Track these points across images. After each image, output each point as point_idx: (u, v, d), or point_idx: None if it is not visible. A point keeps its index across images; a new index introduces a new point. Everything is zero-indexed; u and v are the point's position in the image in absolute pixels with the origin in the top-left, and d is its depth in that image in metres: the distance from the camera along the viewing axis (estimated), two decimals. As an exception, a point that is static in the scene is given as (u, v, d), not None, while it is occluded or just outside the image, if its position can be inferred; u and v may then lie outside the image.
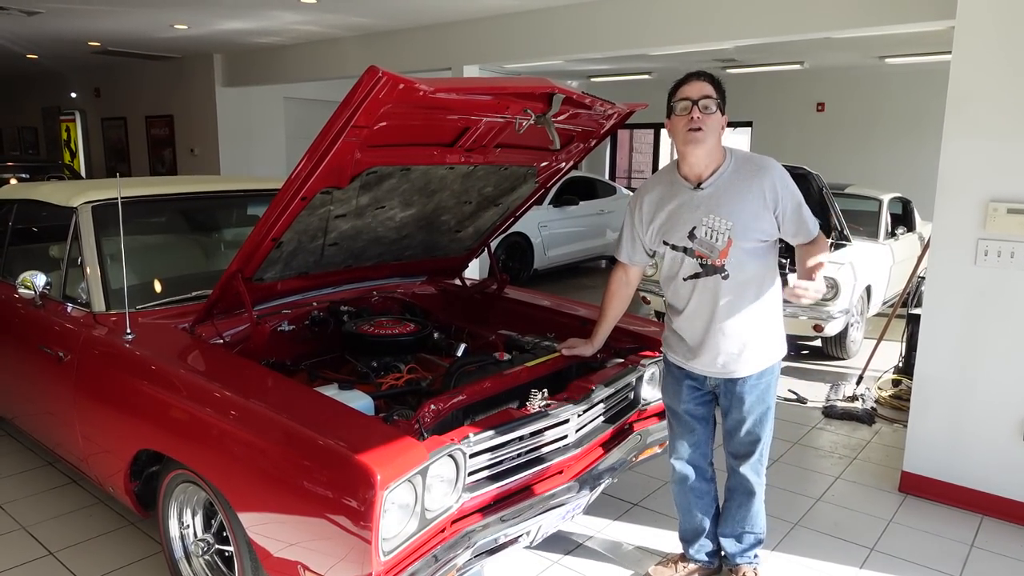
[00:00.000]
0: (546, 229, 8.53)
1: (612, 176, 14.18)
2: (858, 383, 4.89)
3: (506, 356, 2.85)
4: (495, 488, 2.26)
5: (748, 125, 11.94)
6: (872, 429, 4.36)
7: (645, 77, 11.59)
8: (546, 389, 2.54)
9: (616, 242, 2.66)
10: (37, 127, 14.50)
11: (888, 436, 4.26)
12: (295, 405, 2.16)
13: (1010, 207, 3.12)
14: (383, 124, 2.24)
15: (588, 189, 9.45)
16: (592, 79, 12.68)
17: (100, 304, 2.85)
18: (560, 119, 2.72)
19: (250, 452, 2.09)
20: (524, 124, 2.59)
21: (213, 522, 2.46)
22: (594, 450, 2.66)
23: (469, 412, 2.51)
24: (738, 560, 2.70)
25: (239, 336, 2.80)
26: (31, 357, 3.04)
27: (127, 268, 2.68)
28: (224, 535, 2.34)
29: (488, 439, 2.20)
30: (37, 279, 2.94)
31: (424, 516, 1.98)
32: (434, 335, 3.15)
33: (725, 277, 2.37)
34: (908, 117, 10.34)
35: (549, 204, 8.53)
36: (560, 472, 2.50)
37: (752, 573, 2.69)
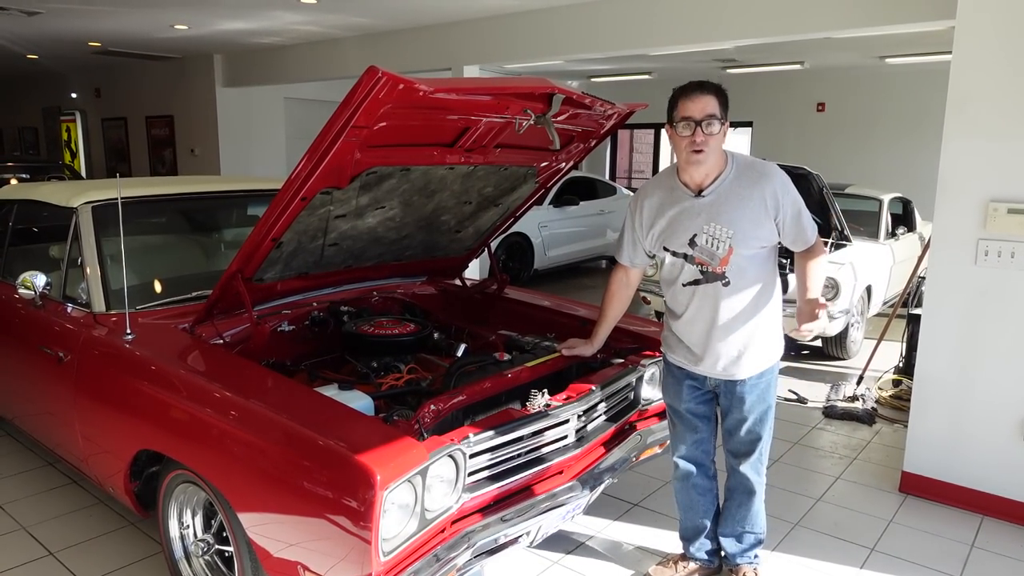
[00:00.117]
0: (546, 229, 8.53)
1: (612, 176, 14.18)
2: (858, 383, 4.89)
3: (506, 356, 2.84)
4: (495, 488, 2.26)
5: (748, 125, 11.94)
6: (872, 429, 4.36)
7: (645, 77, 11.59)
8: (546, 389, 2.53)
9: (616, 244, 2.66)
10: (37, 127, 14.51)
11: (888, 436, 4.26)
12: (295, 405, 2.16)
13: (1010, 207, 3.12)
14: (383, 124, 2.24)
15: (588, 189, 9.45)
16: (592, 79, 12.68)
17: (100, 304, 2.85)
18: (560, 119, 2.71)
19: (250, 452, 2.09)
20: (524, 124, 2.59)
21: (213, 522, 2.46)
22: (594, 450, 2.66)
23: (469, 412, 2.51)
24: (738, 560, 2.70)
25: (239, 336, 2.80)
26: (31, 357, 3.04)
27: (127, 268, 2.68)
28: (224, 535, 2.34)
29: (488, 439, 2.20)
30: (37, 279, 2.94)
31: (424, 516, 1.98)
32: (434, 335, 3.15)
33: (726, 284, 2.37)
34: (908, 117, 10.34)
35: (549, 204, 8.53)
36: (560, 472, 2.50)
37: (752, 573, 2.69)
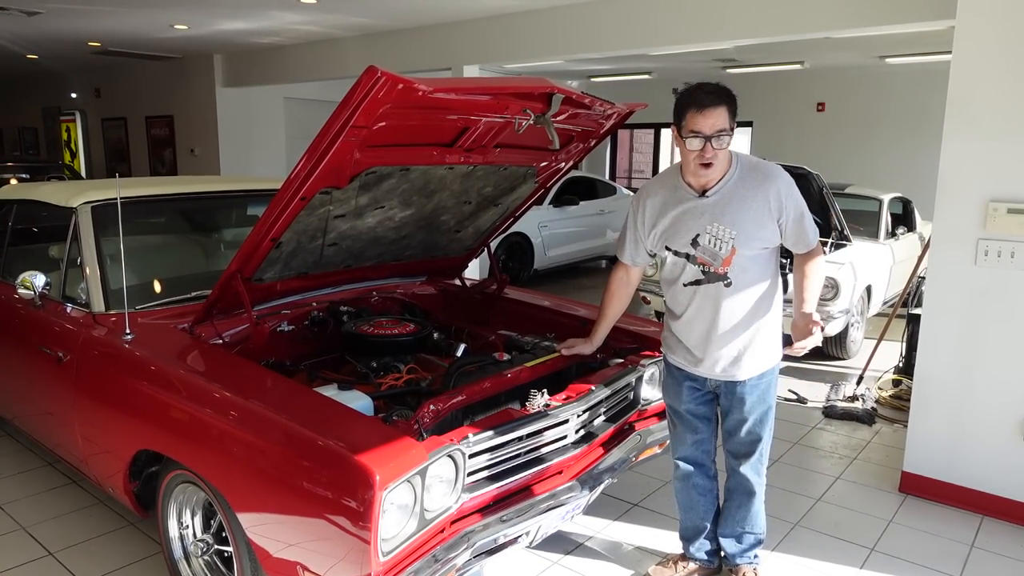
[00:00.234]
0: (546, 229, 8.53)
1: (612, 176, 14.18)
2: (858, 383, 4.89)
3: (506, 356, 2.84)
4: (495, 488, 2.26)
5: (748, 125, 11.94)
6: (872, 429, 4.36)
7: (645, 77, 11.60)
8: (546, 389, 2.53)
9: (618, 242, 2.66)
10: (37, 127, 14.51)
11: (888, 436, 4.25)
12: (294, 405, 2.16)
13: (1010, 207, 3.12)
14: (382, 124, 2.23)
15: (588, 189, 9.45)
16: (592, 79, 12.68)
17: (99, 304, 2.85)
18: (559, 119, 2.71)
19: (249, 452, 2.09)
20: (523, 124, 2.59)
21: (212, 522, 2.46)
22: (594, 450, 2.65)
23: (469, 412, 2.51)
24: (738, 560, 2.70)
25: (238, 336, 2.80)
26: (31, 357, 3.04)
27: (126, 268, 2.68)
28: (223, 535, 2.33)
29: (487, 439, 2.20)
30: (37, 279, 2.94)
31: (423, 516, 1.98)
32: (434, 335, 3.15)
33: (728, 284, 2.36)
34: (908, 117, 10.34)
35: (549, 204, 8.53)
36: (560, 472, 2.49)
37: (752, 573, 2.69)
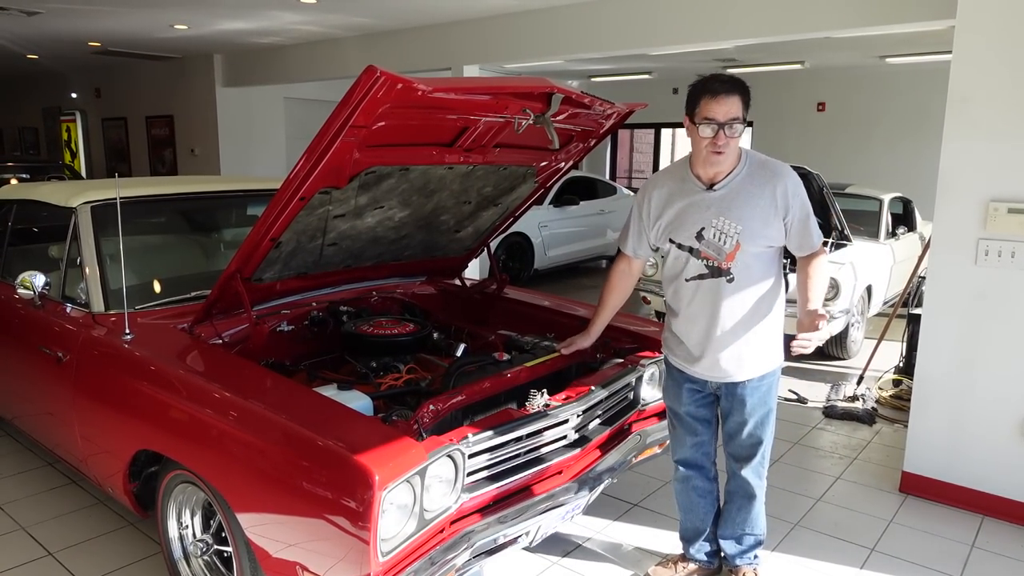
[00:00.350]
0: (546, 229, 8.53)
1: (613, 176, 14.18)
2: (859, 383, 4.89)
3: (505, 356, 2.84)
4: (494, 488, 2.25)
5: (749, 125, 11.89)
6: (872, 429, 4.36)
7: (645, 77, 11.59)
8: (546, 389, 2.53)
9: (621, 233, 2.64)
10: (38, 127, 14.51)
11: (889, 436, 4.25)
12: (294, 406, 2.16)
13: (1011, 207, 3.11)
14: (382, 124, 2.23)
15: (588, 189, 9.44)
16: (592, 79, 12.68)
17: (99, 304, 2.85)
18: (559, 119, 2.71)
19: (248, 452, 2.09)
20: (523, 124, 2.59)
21: (212, 522, 2.46)
22: (594, 450, 2.65)
23: (468, 412, 2.50)
24: (738, 561, 2.69)
25: (238, 336, 2.79)
26: (30, 358, 3.04)
27: (126, 268, 2.68)
28: (223, 536, 2.33)
29: (487, 439, 2.19)
30: (36, 279, 2.94)
31: (423, 516, 1.98)
32: (433, 335, 3.14)
33: (730, 280, 2.35)
34: (909, 117, 10.33)
35: (549, 204, 8.53)
36: (560, 472, 2.49)
37: (752, 574, 2.69)
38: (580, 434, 2.57)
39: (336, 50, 8.38)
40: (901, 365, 4.98)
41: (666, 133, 14.25)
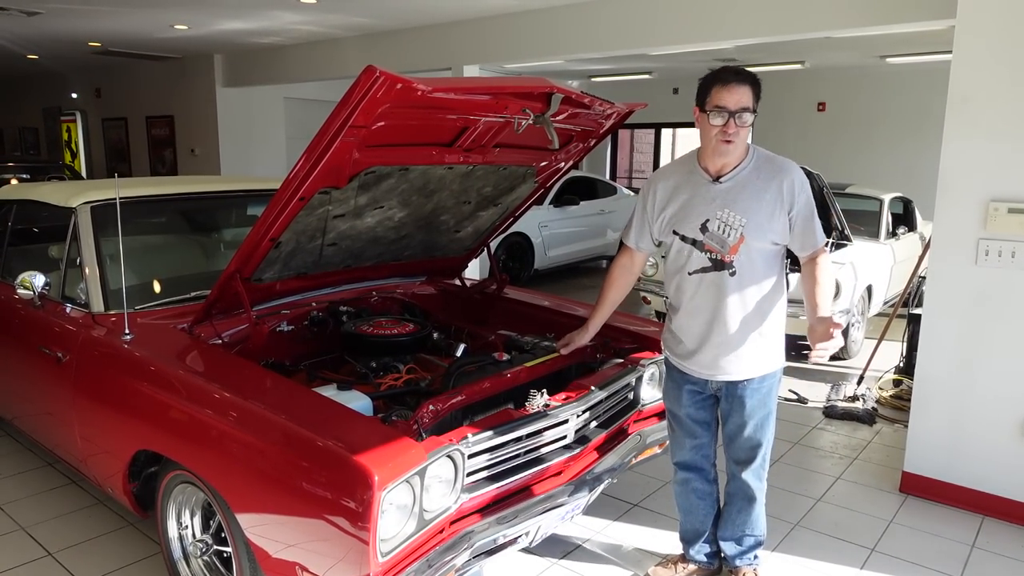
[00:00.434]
0: (547, 229, 8.52)
1: (613, 176, 14.17)
2: (859, 383, 4.88)
3: (505, 356, 2.84)
4: (494, 489, 2.25)
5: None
6: (873, 429, 4.35)
7: (645, 77, 11.59)
8: (545, 389, 2.53)
9: (625, 226, 2.62)
10: (38, 127, 14.51)
11: (889, 436, 4.25)
12: (293, 406, 2.16)
13: (1011, 207, 3.11)
14: (381, 124, 2.23)
15: (589, 189, 9.44)
16: (592, 79, 12.68)
17: (99, 304, 2.85)
18: (559, 119, 2.71)
19: (248, 453, 2.09)
20: (523, 124, 2.58)
21: (212, 523, 2.45)
22: (593, 451, 2.65)
23: (468, 412, 2.50)
24: (737, 562, 2.69)
25: (238, 336, 2.79)
26: (30, 358, 3.04)
27: (126, 268, 2.68)
28: (223, 536, 2.33)
29: (487, 439, 2.19)
30: (36, 280, 2.94)
31: (422, 517, 1.98)
32: (433, 335, 3.14)
33: (732, 274, 2.34)
34: (909, 117, 10.32)
35: (550, 204, 8.52)
36: (559, 473, 2.49)
37: (752, 574, 2.68)
38: (580, 434, 2.57)
39: (336, 50, 8.38)
40: (901, 365, 4.97)
41: (666, 133, 14.25)
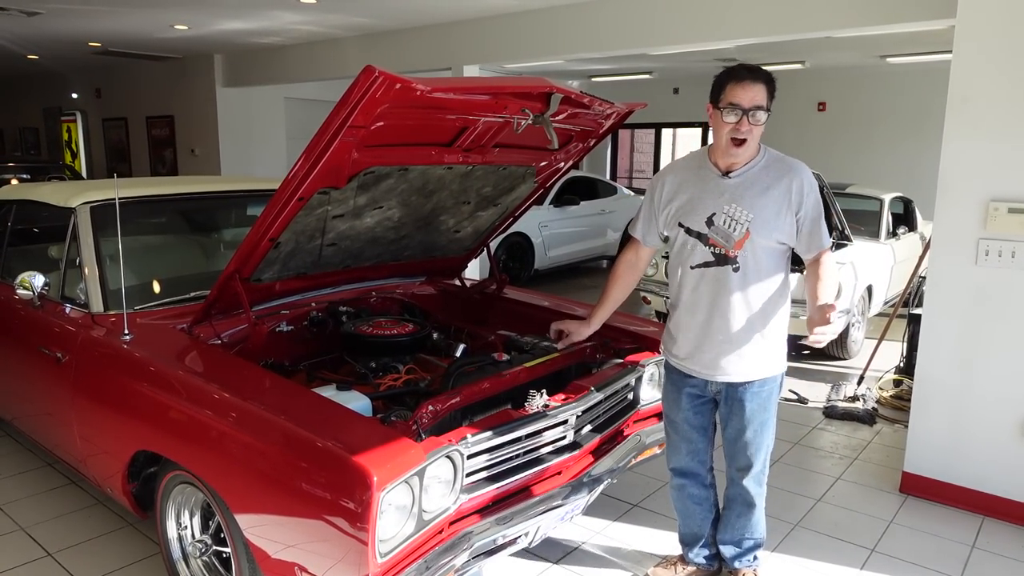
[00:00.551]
0: (547, 229, 8.52)
1: (613, 176, 14.18)
2: (859, 383, 4.88)
3: (505, 357, 2.84)
4: (493, 489, 2.25)
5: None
6: (873, 429, 4.35)
7: (645, 77, 11.60)
8: (545, 390, 2.52)
9: (633, 218, 2.62)
10: (38, 128, 14.51)
11: (889, 436, 4.25)
12: (292, 406, 2.16)
13: (1011, 207, 3.11)
14: (380, 124, 2.23)
15: (589, 189, 9.44)
16: (593, 79, 12.68)
17: (98, 305, 2.85)
18: (558, 119, 2.70)
19: (247, 453, 2.08)
20: (522, 124, 2.58)
21: (211, 523, 2.45)
22: (593, 451, 2.65)
23: (467, 413, 2.50)
24: (736, 564, 2.68)
25: (237, 337, 2.79)
26: (30, 358, 3.04)
27: (126, 269, 2.68)
28: (222, 536, 2.33)
29: (486, 440, 2.19)
30: (36, 280, 2.94)
31: (421, 517, 1.98)
32: (433, 336, 3.14)
33: (736, 269, 2.34)
34: (909, 116, 10.33)
35: (550, 204, 8.52)
36: (559, 473, 2.49)
37: (751, 575, 2.68)
38: (579, 435, 2.57)
39: (336, 50, 8.38)
40: (902, 365, 4.97)
41: (666, 133, 14.24)
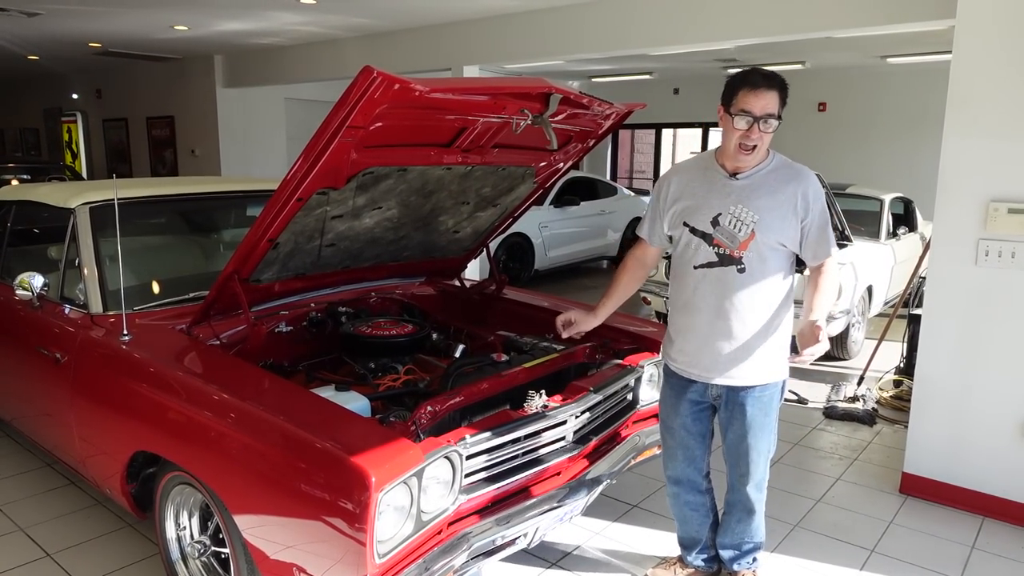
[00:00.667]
0: (547, 229, 8.52)
1: (613, 176, 14.18)
2: (859, 384, 4.87)
3: (504, 357, 2.83)
4: (492, 490, 2.25)
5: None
6: (873, 430, 4.35)
7: (645, 77, 11.59)
8: (544, 390, 2.52)
9: (642, 219, 2.62)
10: (39, 128, 14.52)
11: (889, 437, 4.24)
12: (291, 407, 2.16)
13: (1011, 207, 3.11)
14: (379, 124, 2.23)
15: (589, 189, 9.43)
16: (593, 79, 12.68)
17: (97, 305, 2.84)
18: (558, 119, 2.70)
19: (246, 454, 2.08)
20: (521, 124, 2.58)
21: (209, 524, 2.45)
22: (592, 452, 2.64)
23: (467, 414, 2.49)
24: (735, 566, 2.68)
25: (236, 337, 2.79)
26: (29, 359, 3.04)
27: (125, 269, 2.68)
28: (220, 537, 2.33)
29: (485, 440, 2.19)
30: (35, 280, 2.94)
31: (420, 518, 1.98)
32: (432, 336, 3.14)
33: (741, 270, 2.33)
34: (909, 116, 10.32)
35: (550, 204, 8.52)
36: (558, 474, 2.48)
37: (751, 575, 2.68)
38: (579, 435, 2.56)
39: (336, 51, 8.39)
40: (902, 366, 4.96)
41: (667, 133, 14.25)
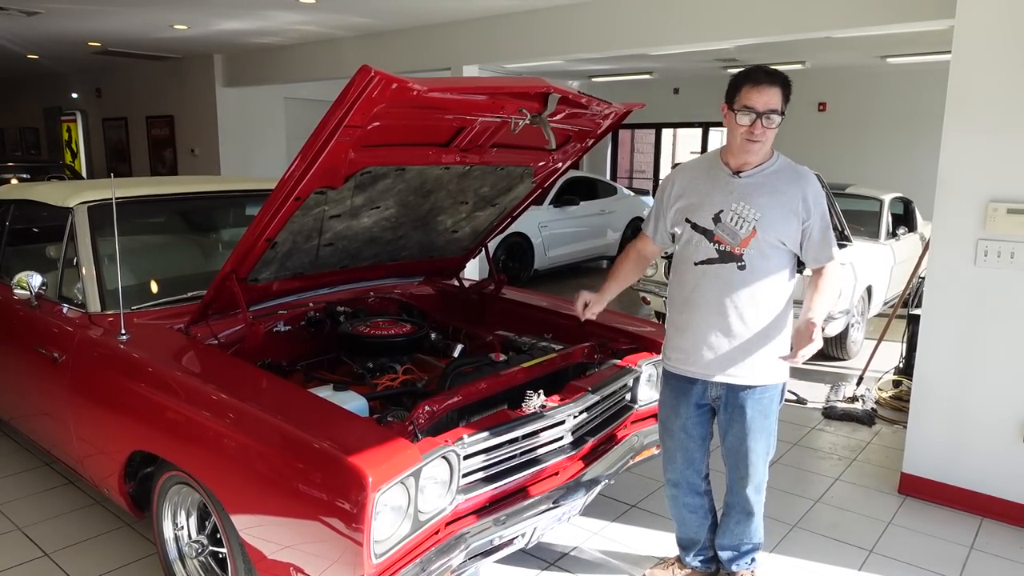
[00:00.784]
0: (546, 229, 8.51)
1: (613, 176, 14.17)
2: (858, 384, 4.87)
3: (502, 357, 2.83)
4: (490, 489, 2.24)
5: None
6: (872, 430, 4.35)
7: (645, 77, 11.59)
8: (542, 390, 2.52)
9: (647, 215, 2.65)
10: (39, 127, 14.52)
11: (888, 437, 4.24)
12: (289, 407, 2.15)
13: (1010, 207, 3.10)
14: (377, 124, 2.23)
15: (589, 189, 9.43)
16: (593, 79, 12.67)
17: (95, 305, 2.84)
18: (556, 119, 2.70)
19: (243, 454, 2.08)
20: (520, 124, 2.58)
21: (207, 524, 2.45)
22: (591, 451, 2.64)
23: (464, 413, 2.49)
24: (734, 567, 2.67)
25: (234, 337, 2.78)
26: (27, 358, 3.03)
27: (123, 268, 2.68)
28: (218, 537, 2.32)
29: (483, 440, 2.19)
30: (33, 279, 2.93)
31: (417, 518, 1.97)
32: (431, 336, 3.13)
33: (741, 267, 2.33)
34: (909, 116, 10.32)
35: (549, 204, 8.52)
36: (556, 473, 2.48)
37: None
38: (577, 435, 2.56)
39: (335, 50, 8.38)
40: (901, 366, 4.96)
41: (666, 133, 14.24)
